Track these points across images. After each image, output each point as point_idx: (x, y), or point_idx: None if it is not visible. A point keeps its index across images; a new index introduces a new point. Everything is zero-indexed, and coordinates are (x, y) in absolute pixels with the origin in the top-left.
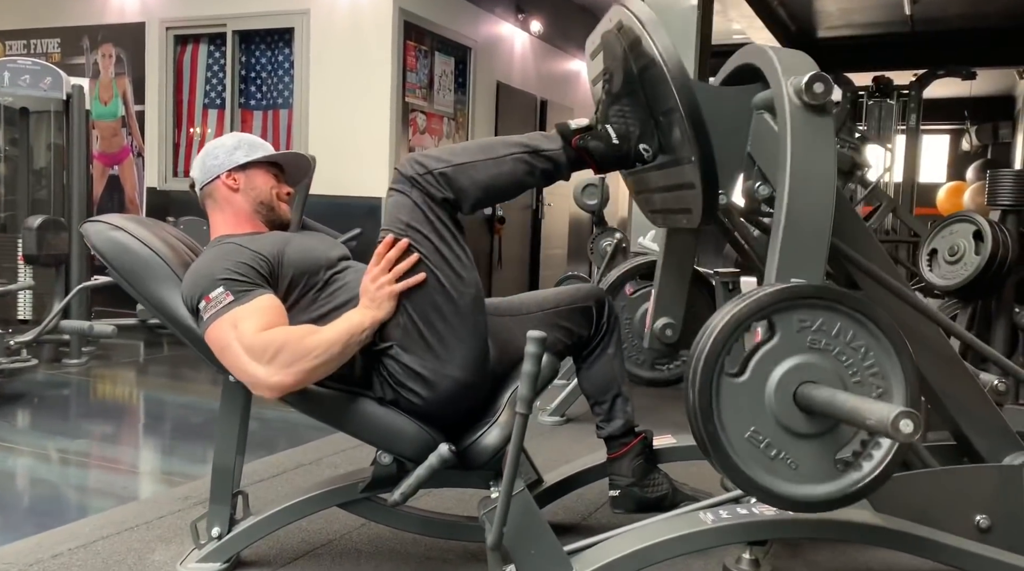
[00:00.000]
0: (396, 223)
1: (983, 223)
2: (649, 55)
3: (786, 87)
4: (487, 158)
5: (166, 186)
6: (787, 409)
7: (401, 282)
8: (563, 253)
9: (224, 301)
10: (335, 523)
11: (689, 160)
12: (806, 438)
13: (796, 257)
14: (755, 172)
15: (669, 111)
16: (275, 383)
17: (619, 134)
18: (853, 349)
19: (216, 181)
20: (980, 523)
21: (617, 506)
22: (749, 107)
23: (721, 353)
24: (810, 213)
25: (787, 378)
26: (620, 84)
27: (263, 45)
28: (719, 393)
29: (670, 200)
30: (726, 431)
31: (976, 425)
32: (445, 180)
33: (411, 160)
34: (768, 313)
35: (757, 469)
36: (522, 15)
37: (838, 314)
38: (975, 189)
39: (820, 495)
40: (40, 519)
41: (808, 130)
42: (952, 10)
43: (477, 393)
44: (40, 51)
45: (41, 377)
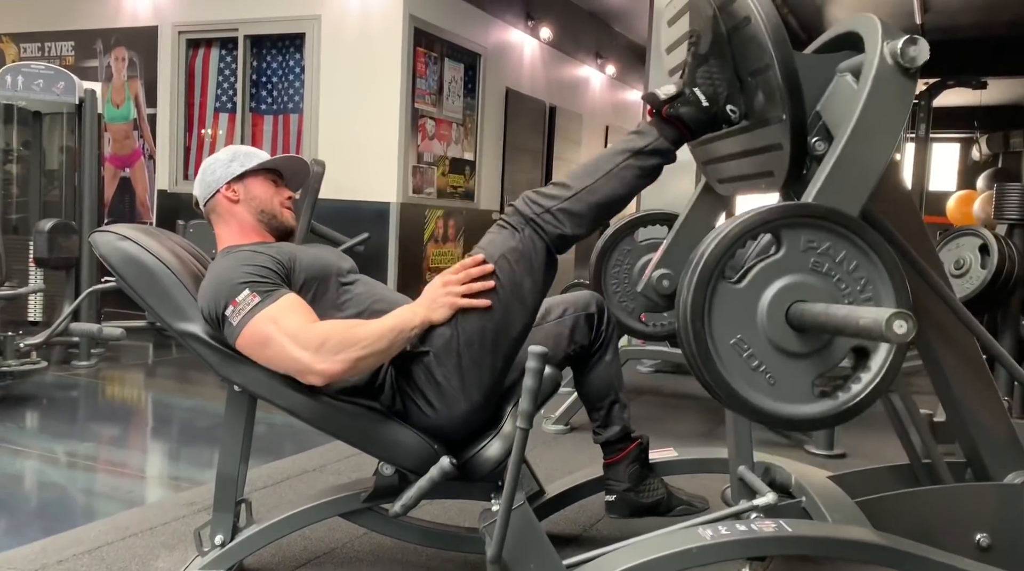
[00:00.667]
0: (493, 250)
1: (989, 237)
2: (742, 13)
3: (883, 47)
4: (597, 178)
5: (176, 189)
6: (777, 324)
7: (467, 299)
8: (570, 258)
9: (252, 302)
10: (337, 532)
11: (779, 119)
12: (789, 356)
13: (839, 185)
14: (819, 127)
15: (760, 70)
16: (322, 369)
17: (708, 96)
18: (854, 279)
19: (217, 195)
20: (980, 542)
21: (612, 511)
22: (830, 72)
23: (724, 256)
24: (866, 153)
25: (783, 293)
26: (708, 45)
27: (274, 50)
28: (714, 294)
29: (748, 165)
30: (713, 333)
31: (988, 438)
32: (564, 215)
33: (528, 199)
34: (778, 226)
35: (736, 377)
36: (532, 22)
37: (846, 242)
38: (985, 198)
39: (793, 414)
40: (47, 523)
41: (891, 86)
42: (963, 20)
43: (485, 413)
44: (54, 54)
45: (50, 379)
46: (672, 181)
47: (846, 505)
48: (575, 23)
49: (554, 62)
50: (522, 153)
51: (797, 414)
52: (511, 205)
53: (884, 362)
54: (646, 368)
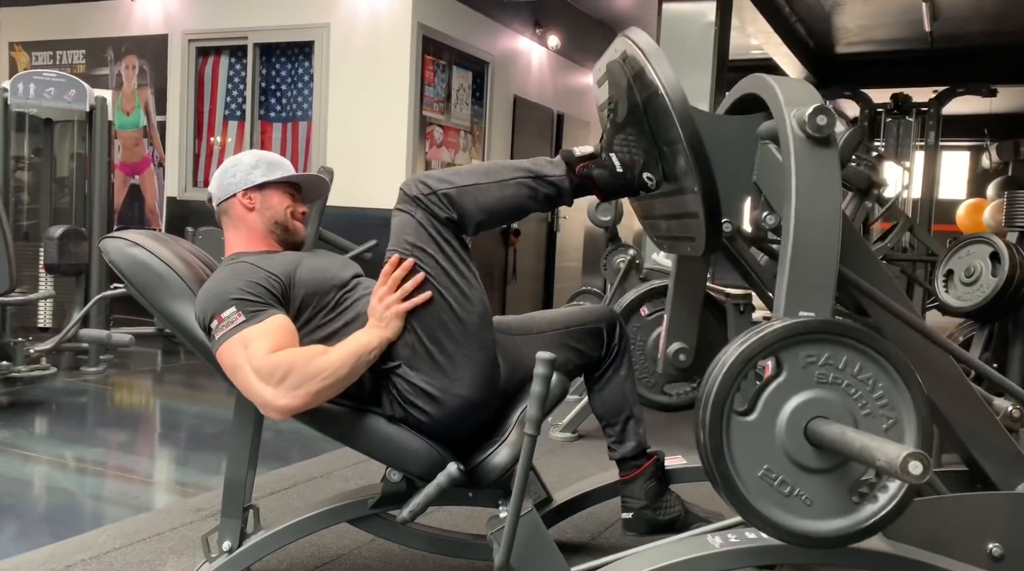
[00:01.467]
0: (401, 243)
1: (1000, 244)
2: (652, 86)
3: (789, 119)
4: (491, 181)
5: (186, 196)
6: (799, 445)
7: (408, 301)
8: (578, 266)
9: (236, 321)
10: (345, 538)
11: (692, 190)
12: (819, 473)
13: (804, 291)
14: (762, 202)
15: (672, 142)
16: (282, 405)
17: (623, 163)
18: (861, 382)
19: (232, 199)
20: (993, 551)
21: (630, 528)
22: (754, 136)
23: (730, 392)
24: (817, 247)
25: (797, 414)
26: (624, 113)
27: (283, 58)
28: (730, 433)
29: (675, 227)
30: (738, 470)
31: (988, 452)
32: (448, 200)
33: (415, 180)
34: (774, 350)
35: (771, 506)
36: (540, 29)
37: (844, 348)
38: (995, 206)
39: (834, 530)
40: (55, 528)
41: (812, 162)
42: (972, 27)
43: (485, 411)
44: (66, 62)
45: (60, 384)
46: None
47: None
48: (583, 31)
49: (562, 70)
50: None
51: (843, 528)
52: (400, 187)
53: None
54: None
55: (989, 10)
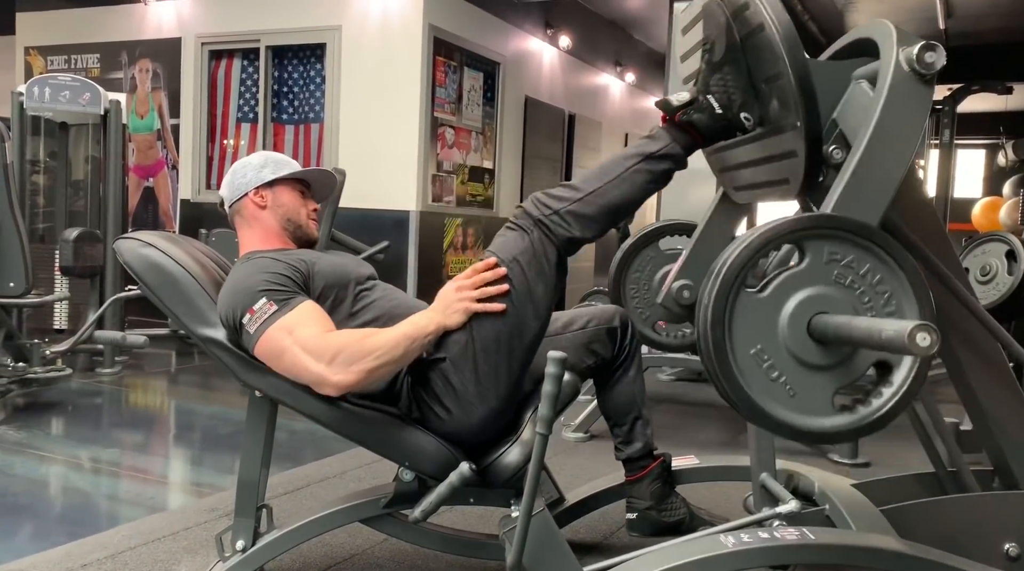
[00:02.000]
0: (504, 253)
1: (1016, 243)
2: (755, 20)
3: (898, 53)
4: (607, 182)
5: (199, 198)
6: (798, 335)
7: (481, 303)
8: (590, 266)
9: (269, 311)
10: (358, 538)
11: (794, 126)
12: (810, 368)
13: (858, 195)
14: (836, 135)
15: (774, 77)
16: (337, 381)
17: (721, 103)
18: (877, 293)
19: (244, 198)
20: (1009, 551)
21: (634, 529)
22: (846, 79)
23: (746, 265)
24: (884, 161)
25: (805, 305)
26: (722, 52)
27: (295, 60)
28: (735, 303)
29: (763, 173)
30: (733, 342)
31: (1016, 446)
32: (572, 217)
33: (536, 201)
34: (801, 237)
35: (755, 387)
36: (551, 30)
37: (870, 254)
38: (1011, 205)
39: (812, 426)
40: (71, 528)
41: (908, 92)
42: (987, 25)
43: (504, 419)
44: (80, 66)
45: (75, 386)
46: (693, 190)
47: (871, 513)
48: (594, 31)
49: (573, 70)
50: (541, 161)
51: (815, 427)
52: (519, 206)
53: (907, 377)
54: (667, 376)
55: (1004, 7)
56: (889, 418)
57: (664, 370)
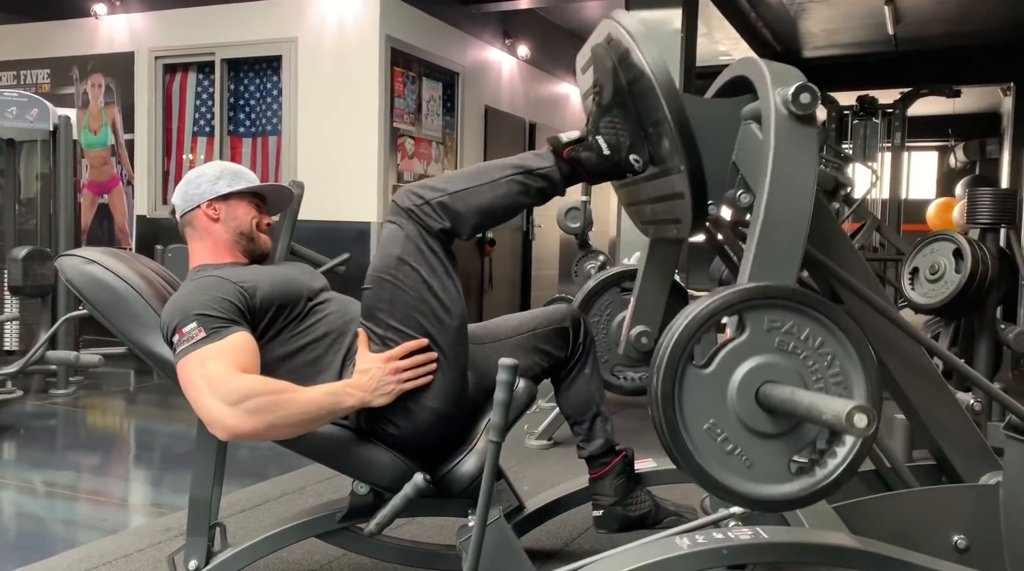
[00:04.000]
0: (388, 257)
1: (962, 241)
2: (638, 67)
3: (774, 96)
4: (482, 183)
5: (156, 214)
6: (748, 406)
7: (410, 382)
8: (554, 274)
9: (196, 337)
10: (316, 554)
11: (678, 170)
12: (764, 437)
13: (770, 259)
14: (739, 180)
15: (658, 122)
16: (232, 425)
17: (610, 145)
18: (820, 355)
19: (196, 210)
20: (958, 543)
21: (601, 526)
22: (738, 118)
23: (690, 341)
24: (787, 217)
25: (751, 375)
26: (610, 96)
27: (251, 73)
28: (683, 381)
29: (660, 211)
30: (685, 420)
31: (955, 443)
32: (443, 209)
33: (408, 192)
34: (741, 309)
35: (712, 462)
36: (509, 40)
37: (809, 319)
38: (964, 205)
39: (772, 495)
40: (23, 554)
41: (792, 138)
42: (935, 30)
43: (453, 423)
44: (30, 82)
45: (28, 408)
46: None
47: (823, 510)
48: (552, 40)
49: (533, 79)
50: None
51: (775, 495)
52: (392, 199)
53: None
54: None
55: (950, 13)
56: (848, 475)
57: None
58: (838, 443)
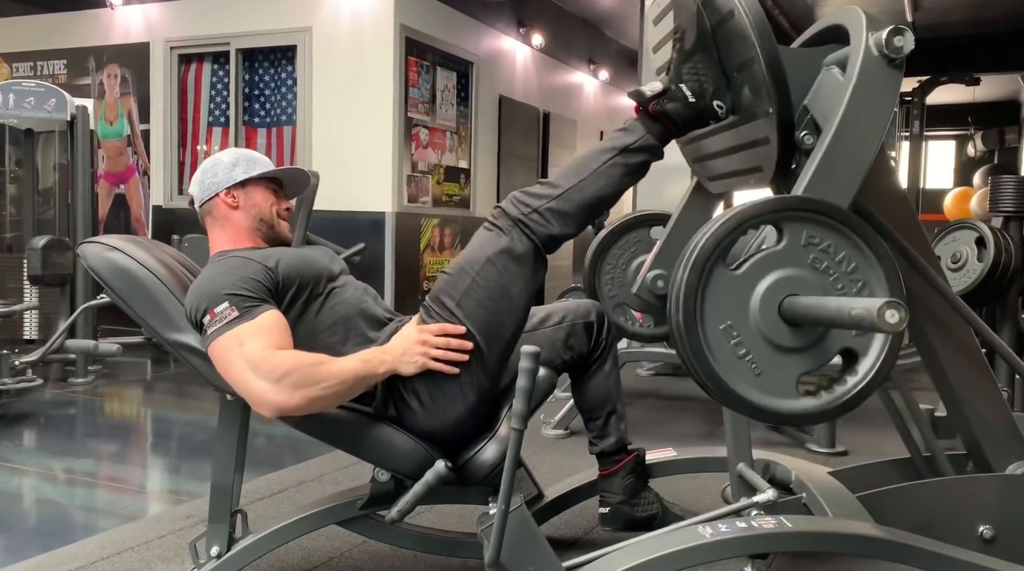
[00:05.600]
0: (479, 254)
1: (985, 230)
2: (726, 8)
3: (867, 38)
4: (584, 177)
5: (172, 204)
6: (769, 315)
7: (437, 362)
8: (568, 264)
9: (229, 317)
10: (335, 541)
11: (766, 113)
12: (777, 349)
13: (828, 178)
14: (807, 121)
15: (745, 64)
16: (279, 402)
17: (694, 92)
18: (851, 281)
19: (215, 198)
20: (984, 534)
21: (606, 523)
22: (817, 65)
23: (724, 241)
24: (854, 144)
25: (778, 285)
26: (693, 41)
27: (266, 63)
28: (709, 278)
29: (736, 161)
30: (704, 315)
31: (988, 429)
32: (552, 214)
33: (515, 200)
34: (781, 218)
35: (721, 362)
36: (523, 29)
37: (849, 242)
38: (982, 195)
39: (772, 407)
40: (44, 540)
41: (876, 77)
42: (954, 17)
43: (479, 415)
44: (47, 73)
45: (47, 397)
46: (669, 183)
47: (847, 500)
48: (567, 29)
49: (547, 68)
50: (517, 160)
51: (776, 407)
52: (498, 206)
53: (872, 366)
54: (645, 371)
55: None
56: (852, 405)
57: (643, 365)
58: (850, 371)
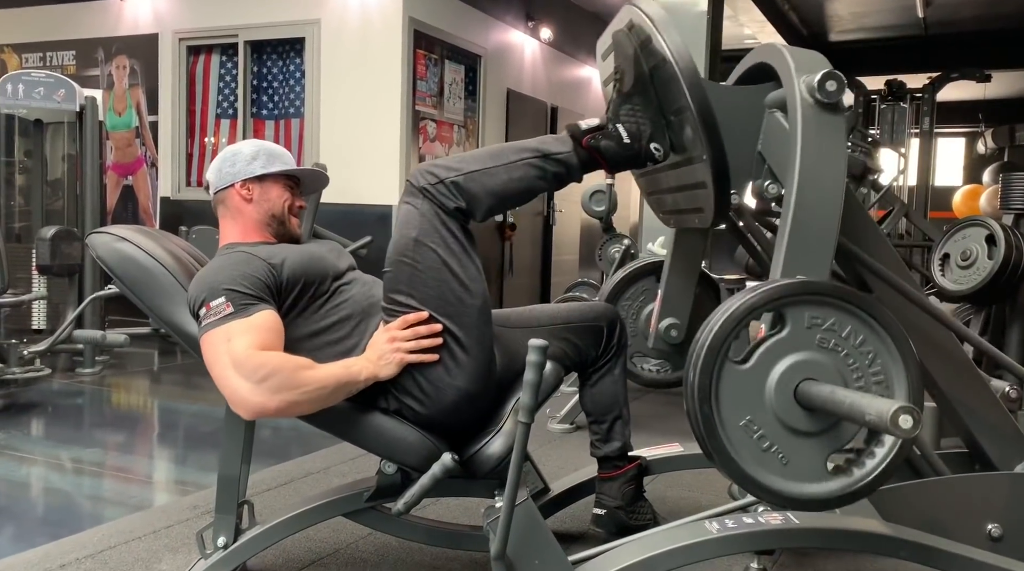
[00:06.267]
0: (405, 239)
1: (996, 227)
2: (660, 54)
3: (799, 84)
4: (498, 164)
5: (179, 196)
6: (786, 403)
7: (415, 354)
8: (574, 259)
9: (223, 312)
10: (342, 532)
11: (701, 159)
12: (801, 435)
13: (802, 254)
14: (765, 171)
15: (680, 110)
16: (256, 403)
17: (630, 133)
18: (861, 353)
19: (230, 189)
20: (992, 532)
21: (599, 525)
22: (761, 106)
23: (729, 337)
24: (818, 210)
25: (790, 372)
26: (631, 83)
27: (274, 55)
28: (720, 377)
29: (682, 200)
30: (722, 415)
31: (988, 432)
32: (457, 189)
33: (421, 170)
34: (782, 305)
35: (748, 459)
36: (532, 22)
37: (851, 316)
38: (991, 192)
39: (808, 493)
40: (52, 529)
41: (819, 128)
42: (965, 12)
43: (481, 403)
44: (56, 63)
45: (55, 386)
46: None
47: None
48: (575, 23)
49: (555, 63)
50: None
51: (810, 493)
52: (407, 179)
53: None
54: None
55: None
56: (885, 477)
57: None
58: (877, 443)
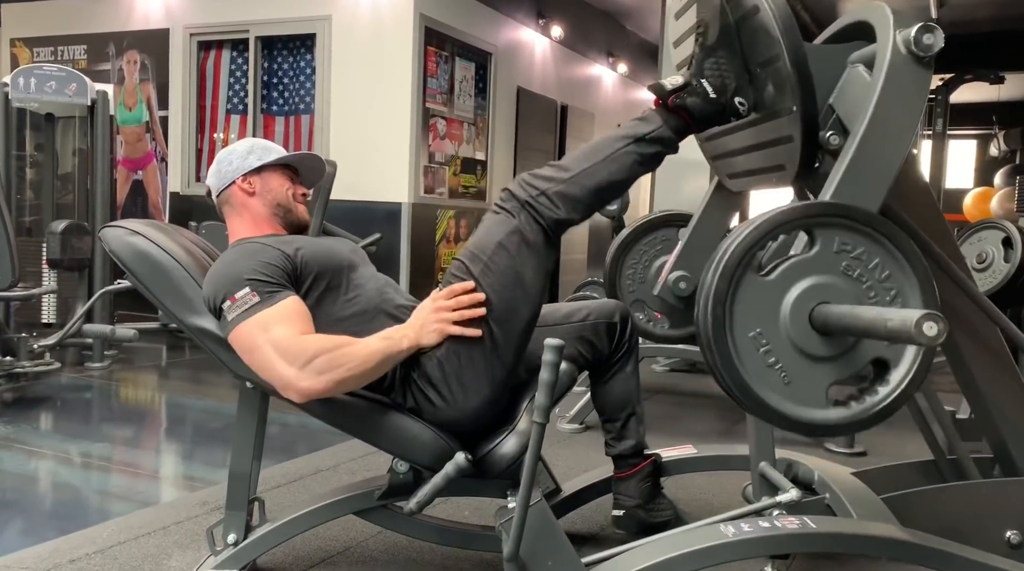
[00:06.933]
0: (489, 240)
1: (1012, 229)
2: (750, 3)
3: (895, 36)
4: (596, 162)
5: (189, 191)
6: (799, 323)
7: (457, 326)
8: (583, 258)
9: (251, 302)
10: (352, 531)
11: (790, 111)
12: (807, 358)
13: (857, 181)
14: (833, 121)
15: (769, 61)
16: (305, 387)
17: (715, 87)
18: (884, 289)
19: (232, 186)
20: (1011, 539)
21: (620, 526)
22: (841, 63)
23: (754, 247)
24: (883, 147)
25: (810, 292)
26: (716, 36)
27: (285, 51)
28: (739, 284)
29: (757, 159)
30: (733, 323)
31: (1017, 432)
32: (560, 198)
33: (523, 182)
34: (815, 224)
35: (750, 371)
36: (543, 20)
37: (883, 249)
38: (1003, 195)
39: (806, 417)
40: (61, 523)
41: (906, 76)
42: (980, 14)
43: (498, 406)
44: (67, 58)
45: (64, 380)
46: (687, 178)
47: (871, 501)
48: (586, 21)
49: (565, 61)
50: (534, 152)
51: (807, 417)
52: (506, 188)
53: (905, 375)
54: (661, 367)
55: None
56: (883, 416)
57: (658, 361)
58: (881, 381)
